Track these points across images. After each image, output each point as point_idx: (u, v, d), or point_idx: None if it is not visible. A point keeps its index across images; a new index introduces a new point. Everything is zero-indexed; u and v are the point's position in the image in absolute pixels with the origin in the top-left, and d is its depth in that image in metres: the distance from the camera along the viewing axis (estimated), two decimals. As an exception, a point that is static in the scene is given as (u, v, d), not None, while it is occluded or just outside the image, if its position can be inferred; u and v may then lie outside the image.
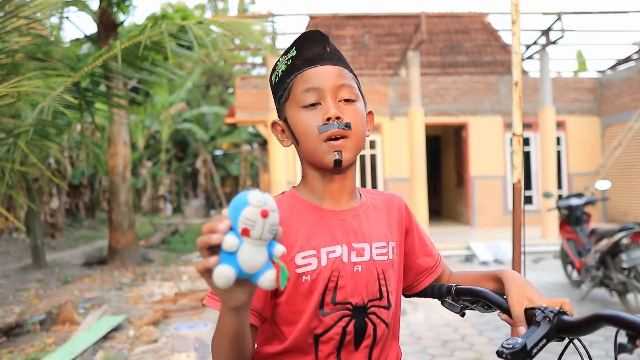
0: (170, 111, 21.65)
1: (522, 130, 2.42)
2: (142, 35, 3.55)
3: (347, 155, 1.06)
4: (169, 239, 12.68)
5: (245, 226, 0.74)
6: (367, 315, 1.07)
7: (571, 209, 6.23)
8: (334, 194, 1.12)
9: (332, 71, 1.08)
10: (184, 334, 3.59)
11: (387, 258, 1.13)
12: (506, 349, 0.90)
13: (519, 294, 1.03)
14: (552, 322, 0.94)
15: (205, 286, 7.35)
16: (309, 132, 1.06)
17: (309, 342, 1.05)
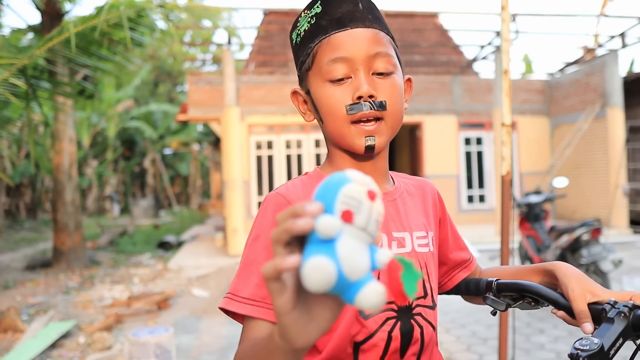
0: (117, 108, 20.91)
1: (511, 120, 2.32)
2: (98, 19, 3.28)
3: (381, 140, 0.90)
4: (117, 241, 12.20)
5: (348, 207, 0.52)
6: (412, 316, 0.91)
7: (530, 206, 6.28)
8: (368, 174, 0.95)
9: (365, 36, 0.89)
10: (143, 339, 3.34)
11: (429, 250, 0.98)
12: (582, 351, 0.76)
13: (580, 287, 0.89)
14: (628, 318, 0.81)
15: (159, 288, 7.02)
16: (336, 112, 0.89)
17: (348, 352, 0.87)
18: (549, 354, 4.17)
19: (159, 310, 5.77)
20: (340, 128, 0.90)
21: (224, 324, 5.25)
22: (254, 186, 11.88)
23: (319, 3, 0.92)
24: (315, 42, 0.91)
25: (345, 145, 0.91)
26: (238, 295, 0.83)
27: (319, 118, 0.94)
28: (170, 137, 23.81)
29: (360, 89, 0.87)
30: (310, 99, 0.94)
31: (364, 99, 0.87)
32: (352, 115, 0.88)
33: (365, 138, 0.89)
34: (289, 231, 0.50)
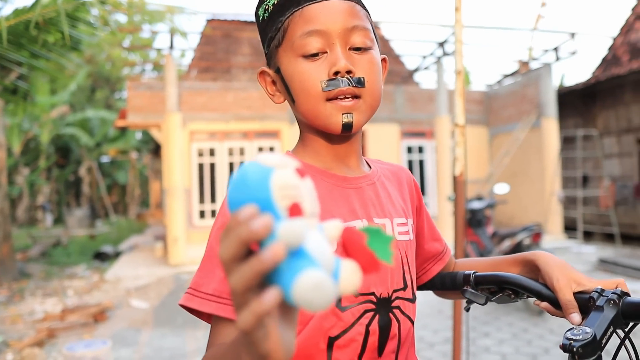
0: (51, 114, 19.99)
1: (464, 121, 2.32)
2: (33, 12, 3.07)
3: (360, 118, 0.83)
4: (50, 252, 11.59)
5: (292, 200, 0.44)
6: (391, 309, 0.83)
7: (473, 212, 6.41)
8: (343, 157, 0.88)
9: (341, 8, 0.82)
10: (79, 354, 3.13)
11: (409, 238, 0.91)
12: (575, 341, 0.71)
13: (565, 276, 0.84)
14: (617, 305, 0.77)
15: (95, 300, 6.68)
16: (311, 88, 0.81)
17: (321, 348, 0.78)
18: (495, 356, 4.22)
19: (95, 323, 5.48)
20: (315, 106, 0.82)
21: (166, 336, 5.03)
22: (196, 194, 11.60)
23: None
24: (286, 16, 0.83)
25: (321, 125, 0.83)
26: (200, 291, 0.73)
27: (291, 98, 0.85)
28: (107, 144, 22.99)
29: (337, 63, 0.80)
30: (281, 78, 0.85)
31: (341, 75, 0.80)
32: (328, 92, 0.80)
33: (342, 115, 0.81)
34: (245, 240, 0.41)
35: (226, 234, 0.43)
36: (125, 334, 5.12)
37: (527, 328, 5.01)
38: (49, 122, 20.35)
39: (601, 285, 0.82)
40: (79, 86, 23.56)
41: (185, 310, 0.75)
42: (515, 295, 0.92)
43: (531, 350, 4.37)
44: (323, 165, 0.87)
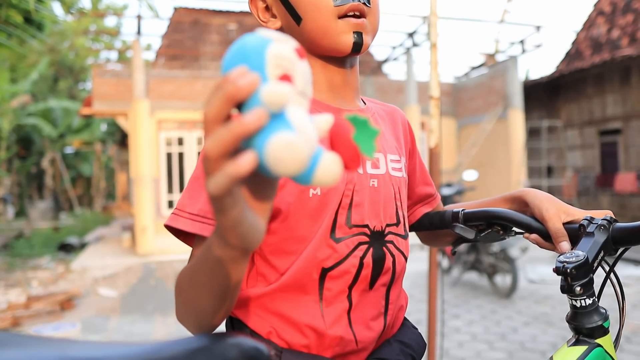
0: (12, 103, 19.40)
1: (439, 94, 2.33)
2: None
3: (367, 39, 0.82)
4: (12, 244, 11.28)
5: (284, 71, 0.44)
6: (385, 243, 0.83)
7: (443, 198, 6.48)
8: (339, 88, 0.87)
9: None
10: (47, 335, 3.05)
11: (402, 175, 0.91)
12: (568, 263, 0.73)
13: (554, 206, 0.86)
14: (607, 230, 0.79)
15: (63, 289, 6.53)
16: (321, 5, 0.79)
17: (313, 278, 0.78)
18: (465, 336, 4.29)
19: (62, 311, 5.35)
20: (325, 23, 0.80)
21: (136, 322, 4.96)
22: (164, 184, 11.43)
23: None
24: None
25: (329, 44, 0.81)
26: (185, 211, 0.72)
27: (295, 18, 0.82)
28: (71, 135, 22.45)
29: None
30: (282, 0, 0.83)
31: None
32: (340, 7, 0.79)
33: (352, 33, 0.80)
34: (233, 96, 0.41)
35: (213, 93, 0.42)
36: (94, 321, 5.02)
37: (496, 310, 5.11)
38: (9, 111, 19.74)
39: (590, 214, 0.83)
40: (41, 75, 22.89)
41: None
42: (504, 231, 0.94)
43: (500, 329, 4.46)
44: (318, 96, 0.85)
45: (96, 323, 4.96)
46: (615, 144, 11.82)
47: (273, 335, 0.77)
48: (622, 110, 11.54)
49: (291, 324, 0.77)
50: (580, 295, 0.74)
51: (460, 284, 6.25)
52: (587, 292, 0.74)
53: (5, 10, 3.46)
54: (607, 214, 0.82)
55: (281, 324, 0.78)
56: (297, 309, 0.78)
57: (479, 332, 4.42)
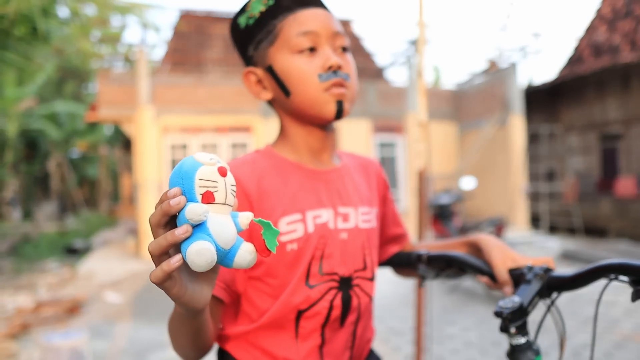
0: (18, 107, 19.62)
1: (427, 118, 2.46)
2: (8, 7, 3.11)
3: (347, 106, 0.97)
4: (19, 247, 11.46)
5: (207, 189, 0.59)
6: (352, 287, 0.97)
7: (441, 206, 6.62)
8: (317, 152, 1.01)
9: (327, 15, 0.97)
10: (57, 344, 3.19)
11: (371, 225, 1.04)
12: (505, 309, 0.87)
13: (502, 255, 0.99)
14: (543, 279, 0.93)
15: (70, 294, 6.70)
16: (308, 80, 0.93)
17: (290, 319, 0.92)
18: (459, 343, 4.41)
19: (69, 317, 5.51)
20: (313, 95, 0.94)
21: (141, 328, 5.10)
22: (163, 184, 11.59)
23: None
24: (278, 19, 0.95)
25: (316, 112, 0.95)
26: None
27: (284, 91, 0.96)
28: (77, 138, 22.67)
29: (330, 59, 0.93)
30: (272, 75, 0.96)
31: (333, 69, 0.93)
32: (324, 83, 0.93)
33: (336, 103, 0.94)
34: (167, 212, 0.57)
35: (157, 205, 0.59)
36: (100, 327, 5.17)
37: (491, 316, 5.23)
38: (15, 115, 19.97)
39: (532, 262, 0.96)
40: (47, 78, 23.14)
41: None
42: (462, 271, 1.07)
43: (494, 336, 4.58)
44: (298, 159, 0.99)
45: (102, 329, 5.10)
46: (616, 149, 11.90)
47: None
48: (623, 115, 11.63)
49: (271, 357, 0.92)
50: (515, 335, 0.88)
51: (458, 290, 6.36)
52: (521, 332, 0.88)
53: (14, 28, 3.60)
54: (547, 263, 0.96)
55: (262, 357, 0.92)
56: (275, 345, 0.92)
57: (474, 338, 4.54)
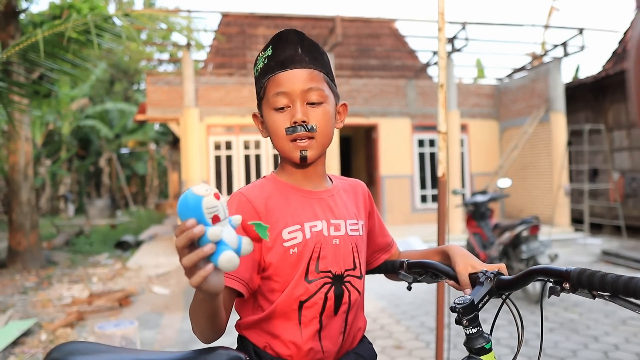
0: (72, 106, 20.56)
1: (446, 128, 2.62)
2: (66, 24, 3.43)
3: (312, 153, 1.18)
4: (73, 241, 12.09)
5: (214, 213, 0.83)
6: (344, 283, 1.20)
7: (477, 205, 6.68)
8: (311, 176, 1.24)
9: (301, 75, 1.17)
10: (109, 332, 3.51)
11: (359, 234, 1.27)
12: (458, 305, 1.08)
13: (464, 262, 1.22)
14: (492, 281, 1.14)
15: (119, 286, 7.13)
16: (278, 132, 1.17)
17: (294, 308, 1.15)
18: (489, 341, 4.53)
19: (120, 307, 5.90)
20: (282, 144, 1.18)
21: (185, 319, 5.43)
22: (213, 186, 11.97)
23: (270, 47, 1.20)
24: (266, 78, 1.19)
25: (286, 157, 1.21)
26: None
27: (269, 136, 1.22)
28: (126, 136, 23.54)
29: (295, 115, 1.16)
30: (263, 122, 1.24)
31: (298, 123, 1.16)
32: (289, 136, 1.16)
33: (300, 152, 1.17)
34: (191, 238, 0.81)
35: (179, 233, 0.82)
36: (148, 317, 5.53)
37: (524, 315, 5.30)
38: (69, 114, 20.93)
39: (487, 268, 1.18)
40: (98, 79, 24.10)
41: None
42: (435, 276, 1.30)
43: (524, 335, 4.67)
44: (296, 182, 1.24)
45: (150, 319, 5.46)
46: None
47: (268, 348, 1.16)
48: (671, 112, 11.31)
49: (279, 340, 1.15)
50: (467, 326, 1.09)
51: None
52: (473, 324, 1.09)
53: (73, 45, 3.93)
54: (499, 269, 1.17)
55: (272, 340, 1.16)
56: (283, 330, 1.15)
57: (503, 336, 4.65)
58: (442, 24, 2.60)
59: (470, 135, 13.66)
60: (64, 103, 19.75)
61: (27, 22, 10.13)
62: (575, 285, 1.01)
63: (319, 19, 12.31)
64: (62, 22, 3.60)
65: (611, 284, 0.95)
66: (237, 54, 14.11)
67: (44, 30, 3.64)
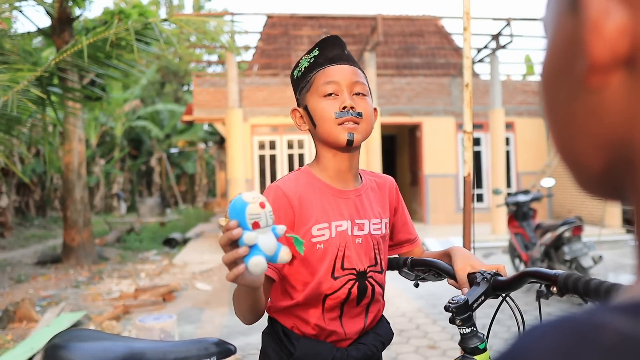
0: (124, 108, 21.30)
1: (472, 128, 2.62)
2: (108, 32, 3.60)
3: (358, 137, 1.26)
4: (124, 238, 12.54)
5: (254, 220, 0.90)
6: (367, 278, 1.28)
7: (518, 205, 6.56)
8: (343, 174, 1.31)
9: (348, 69, 1.29)
10: (149, 325, 3.66)
11: (381, 232, 1.35)
12: (452, 304, 1.10)
13: (463, 262, 1.26)
14: (489, 282, 1.15)
15: (164, 282, 7.38)
16: (327, 116, 1.25)
17: (319, 299, 1.25)
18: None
19: (164, 302, 6.11)
20: (329, 128, 1.25)
21: (225, 315, 5.57)
22: (257, 185, 12.21)
23: (317, 49, 1.31)
24: (314, 72, 1.29)
25: (332, 140, 1.26)
26: None
27: (313, 124, 1.29)
28: (176, 136, 24.19)
29: (345, 101, 1.24)
30: (307, 112, 1.30)
31: (347, 109, 1.24)
32: (338, 119, 1.24)
33: (347, 134, 1.24)
34: (230, 239, 0.89)
35: (224, 232, 0.90)
36: (190, 312, 5.71)
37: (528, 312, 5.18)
38: (122, 115, 21.69)
39: (485, 268, 1.20)
40: (149, 81, 24.86)
41: None
42: (438, 275, 1.32)
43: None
44: (328, 179, 1.31)
45: (191, 314, 5.63)
46: None
47: (295, 328, 1.27)
48: None
49: (305, 322, 1.25)
50: (461, 326, 1.10)
51: (533, 290, 6.31)
52: (467, 324, 1.10)
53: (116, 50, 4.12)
54: (498, 269, 1.17)
55: (299, 322, 1.26)
56: (308, 314, 1.25)
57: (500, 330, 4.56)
58: (468, 23, 2.60)
59: (517, 134, 13.37)
60: (117, 105, 20.48)
61: (81, 28, 10.58)
62: (562, 289, 1.02)
63: (361, 18, 12.33)
64: (104, 29, 3.78)
65: (594, 290, 0.96)
66: (281, 54, 14.28)
67: (89, 37, 3.83)
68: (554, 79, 0.36)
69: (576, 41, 0.31)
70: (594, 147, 0.33)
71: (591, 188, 0.37)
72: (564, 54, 0.34)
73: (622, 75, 0.30)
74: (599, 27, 0.29)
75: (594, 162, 0.34)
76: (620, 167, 0.32)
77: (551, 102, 0.38)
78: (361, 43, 12.43)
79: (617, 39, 0.29)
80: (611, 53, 0.29)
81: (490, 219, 11.30)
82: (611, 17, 0.29)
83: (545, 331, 0.27)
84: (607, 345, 0.25)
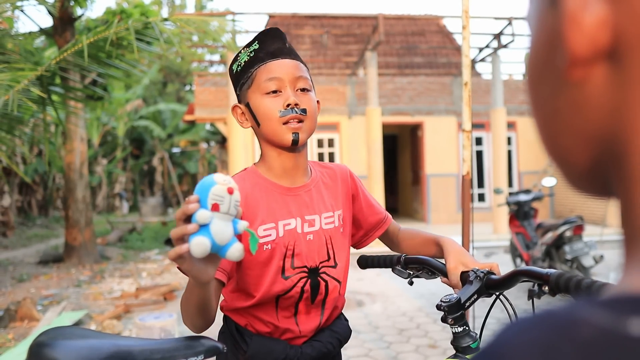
0: (126, 108, 21.32)
1: (471, 127, 2.63)
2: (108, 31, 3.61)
3: (303, 136, 1.23)
4: (126, 237, 12.56)
5: (215, 202, 0.85)
6: (319, 275, 1.26)
7: (519, 204, 6.56)
8: (290, 171, 1.28)
9: (291, 64, 1.24)
10: (149, 324, 3.67)
11: (334, 225, 1.31)
12: (443, 303, 1.09)
13: (455, 260, 1.23)
14: (482, 280, 1.14)
15: (166, 281, 7.39)
16: (271, 115, 1.21)
17: (271, 300, 1.23)
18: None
19: (165, 301, 6.12)
20: (273, 128, 1.22)
21: (226, 314, 5.58)
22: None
23: (257, 42, 1.26)
24: (254, 68, 1.25)
25: (277, 141, 1.23)
26: None
27: (256, 123, 1.25)
28: (178, 136, 24.20)
29: (288, 99, 1.21)
30: (249, 110, 1.26)
31: (291, 106, 1.21)
32: (282, 117, 1.21)
33: (292, 134, 1.21)
34: (185, 213, 0.85)
35: (182, 205, 0.87)
36: (190, 312, 5.71)
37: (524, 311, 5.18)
38: (124, 115, 21.70)
39: (478, 266, 1.19)
40: (151, 80, 24.89)
41: None
42: (432, 273, 1.31)
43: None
44: (275, 178, 1.28)
45: (192, 313, 5.64)
46: None
47: (249, 326, 1.25)
48: None
49: (259, 320, 1.24)
50: (453, 325, 1.10)
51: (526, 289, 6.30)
52: (458, 323, 1.09)
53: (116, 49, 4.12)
54: (491, 268, 1.17)
55: (253, 320, 1.24)
56: (262, 313, 1.24)
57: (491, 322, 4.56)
58: (467, 21, 2.60)
59: (519, 133, 13.36)
60: (119, 105, 20.50)
61: (83, 28, 10.59)
62: (553, 288, 1.02)
63: (363, 17, 12.31)
64: (105, 29, 3.79)
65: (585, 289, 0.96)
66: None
67: (89, 36, 3.84)
68: (538, 75, 0.36)
69: (557, 36, 0.31)
70: (579, 142, 0.33)
71: (580, 184, 0.37)
72: (546, 49, 0.34)
73: (604, 69, 0.30)
74: (578, 20, 0.29)
75: (580, 158, 0.34)
76: (606, 161, 0.32)
77: (536, 99, 0.38)
78: (363, 42, 12.43)
79: (596, 31, 0.29)
80: (591, 46, 0.29)
81: (491, 219, 11.29)
82: (590, 9, 0.29)
83: (524, 327, 0.27)
84: (585, 340, 0.24)
